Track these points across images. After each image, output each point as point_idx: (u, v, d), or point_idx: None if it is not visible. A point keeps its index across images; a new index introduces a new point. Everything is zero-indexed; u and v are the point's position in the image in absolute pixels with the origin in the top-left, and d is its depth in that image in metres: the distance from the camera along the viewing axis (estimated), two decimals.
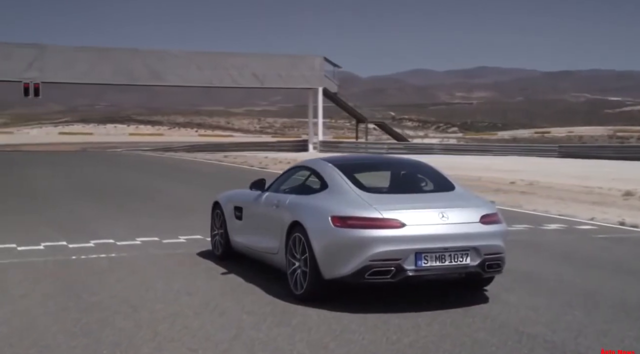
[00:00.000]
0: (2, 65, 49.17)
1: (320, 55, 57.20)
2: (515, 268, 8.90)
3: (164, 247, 10.24)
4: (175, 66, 52.70)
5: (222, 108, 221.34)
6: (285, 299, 7.18)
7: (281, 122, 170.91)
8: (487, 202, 7.46)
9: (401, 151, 50.64)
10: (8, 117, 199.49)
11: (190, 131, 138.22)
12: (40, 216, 13.94)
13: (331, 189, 7.36)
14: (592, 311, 6.92)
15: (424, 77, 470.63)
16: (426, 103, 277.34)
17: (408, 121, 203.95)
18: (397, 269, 6.68)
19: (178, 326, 6.20)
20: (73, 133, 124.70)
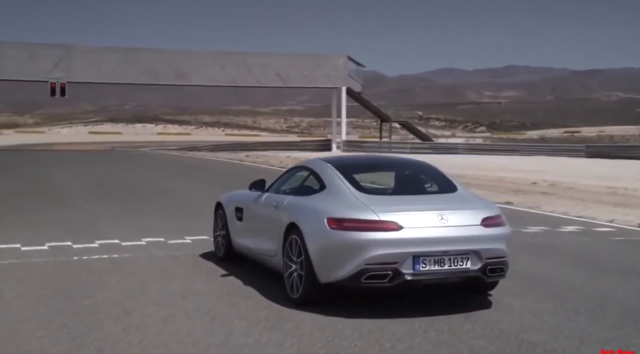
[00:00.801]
0: (29, 65, 49.74)
1: (344, 54, 56.96)
2: (524, 272, 8.67)
3: (168, 248, 10.13)
4: (200, 66, 52.86)
5: (249, 108, 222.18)
6: (282, 303, 7.00)
7: (307, 121, 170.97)
8: (489, 205, 7.22)
9: (425, 151, 50.27)
10: (40, 117, 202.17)
11: (217, 131, 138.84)
12: (50, 215, 13.91)
13: (329, 190, 7.17)
14: (599, 317, 6.65)
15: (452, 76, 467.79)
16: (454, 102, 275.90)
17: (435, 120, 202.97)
18: (394, 273, 6.47)
19: (167, 331, 6.06)
20: (102, 132, 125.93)
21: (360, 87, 56.21)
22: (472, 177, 25.57)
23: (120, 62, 51.39)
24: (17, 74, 50.75)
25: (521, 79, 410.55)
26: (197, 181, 23.92)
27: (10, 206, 15.67)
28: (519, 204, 16.35)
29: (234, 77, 54.05)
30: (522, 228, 12.41)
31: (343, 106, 55.17)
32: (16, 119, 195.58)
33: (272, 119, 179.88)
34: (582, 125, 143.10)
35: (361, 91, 56.36)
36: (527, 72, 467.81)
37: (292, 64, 54.88)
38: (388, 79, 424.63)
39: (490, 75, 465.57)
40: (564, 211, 15.10)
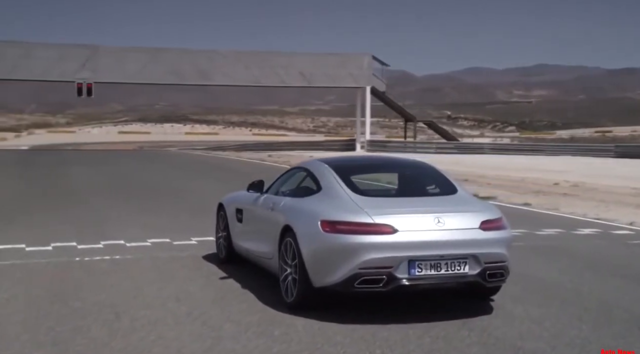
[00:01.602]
0: (57, 66, 50.24)
1: (368, 53, 56.68)
2: (530, 275, 8.45)
3: (172, 250, 10.04)
4: (224, 66, 52.97)
5: (276, 107, 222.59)
6: (277, 307, 6.85)
7: (334, 121, 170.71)
8: (489, 207, 6.99)
9: (450, 151, 49.90)
10: (71, 117, 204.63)
11: (245, 130, 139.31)
12: (62, 215, 13.91)
13: (324, 192, 7.01)
14: (603, 325, 6.41)
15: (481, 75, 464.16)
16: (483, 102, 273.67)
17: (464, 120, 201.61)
18: (388, 278, 6.28)
19: (153, 336, 5.94)
20: (131, 132, 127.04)
21: (384, 86, 55.88)
22: (493, 177, 25.26)
23: (145, 62, 51.68)
24: (46, 74, 51.27)
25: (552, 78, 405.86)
26: (215, 181, 23.85)
27: (25, 205, 15.73)
28: (537, 206, 16.04)
29: (257, 77, 54.06)
30: (536, 230, 12.15)
31: (367, 106, 54.89)
32: (48, 119, 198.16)
33: (299, 119, 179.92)
34: (615, 125, 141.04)
35: (385, 90, 56.03)
36: (558, 71, 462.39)
37: (316, 64, 54.72)
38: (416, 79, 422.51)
39: (520, 74, 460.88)
40: (583, 213, 14.77)
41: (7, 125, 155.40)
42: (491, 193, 18.63)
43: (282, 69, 53.76)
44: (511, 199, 17.40)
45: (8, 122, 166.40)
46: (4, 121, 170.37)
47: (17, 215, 13.85)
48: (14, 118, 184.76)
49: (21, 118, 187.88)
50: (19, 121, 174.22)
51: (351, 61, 55.22)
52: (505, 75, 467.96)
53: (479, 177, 25.26)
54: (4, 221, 12.82)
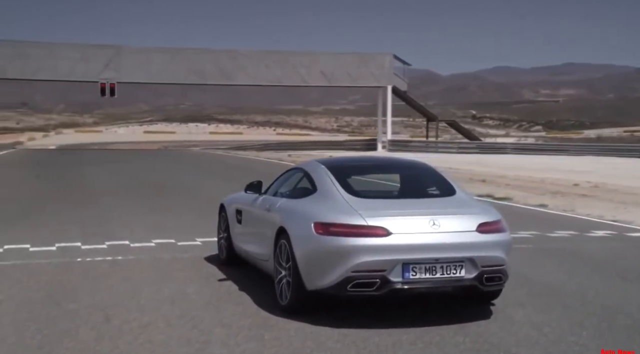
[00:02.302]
0: (81, 66, 50.72)
1: (389, 52, 56.42)
2: (535, 279, 8.26)
3: (175, 250, 9.97)
4: (245, 65, 53.07)
5: (300, 107, 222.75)
6: (272, 310, 6.74)
7: (358, 120, 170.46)
8: (488, 209, 6.80)
9: (472, 150, 49.53)
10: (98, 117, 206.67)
11: (269, 130, 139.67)
12: (72, 214, 13.93)
13: (319, 193, 6.89)
14: (605, 331, 6.21)
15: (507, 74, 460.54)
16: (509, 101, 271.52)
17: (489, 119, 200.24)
18: (382, 281, 6.14)
19: (141, 340, 5.85)
20: (156, 132, 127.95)
21: (406, 85, 55.61)
22: (513, 178, 24.95)
23: (167, 62, 51.97)
24: (69, 74, 51.78)
25: (580, 77, 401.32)
26: (229, 181, 23.70)
27: (37, 204, 15.81)
28: (553, 207, 15.75)
29: (279, 77, 54.08)
30: (548, 232, 11.91)
31: (388, 105, 54.63)
32: (76, 118, 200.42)
33: (323, 118, 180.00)
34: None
35: (407, 89, 55.73)
36: (586, 69, 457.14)
37: (337, 63, 54.59)
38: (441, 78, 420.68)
39: (547, 73, 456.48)
40: (600, 215, 14.47)
41: (36, 125, 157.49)
42: (508, 194, 18.37)
43: (303, 68, 53.71)
44: (527, 200, 17.13)
45: (37, 122, 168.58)
46: (33, 120, 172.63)
47: (28, 215, 13.92)
48: (43, 118, 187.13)
49: (50, 118, 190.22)
50: (48, 121, 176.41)
51: (372, 60, 55.02)
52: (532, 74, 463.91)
53: (499, 177, 24.97)
54: (13, 221, 12.87)
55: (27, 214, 14.09)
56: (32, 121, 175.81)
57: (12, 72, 51.50)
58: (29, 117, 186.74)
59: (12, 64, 50.41)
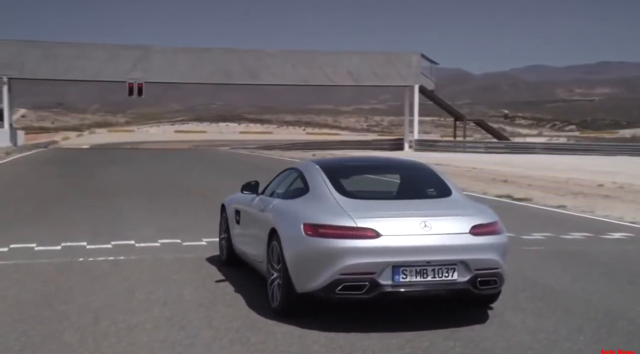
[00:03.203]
0: (110, 66, 51.19)
1: (416, 51, 56.04)
2: (541, 282, 8.05)
3: (179, 251, 9.92)
4: (271, 65, 53.10)
5: (331, 107, 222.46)
6: (263, 313, 6.63)
7: (388, 120, 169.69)
8: (484, 211, 6.60)
9: (500, 150, 48.98)
10: (131, 117, 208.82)
11: (298, 129, 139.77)
12: (83, 214, 13.96)
13: (311, 194, 6.77)
14: (603, 337, 6.01)
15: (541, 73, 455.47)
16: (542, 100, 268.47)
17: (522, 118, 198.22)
18: (371, 284, 6.00)
19: (125, 342, 5.77)
20: (187, 131, 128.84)
21: (433, 85, 55.19)
22: (537, 178, 24.56)
23: (194, 62, 52.21)
24: (98, 74, 52.29)
25: (616, 76, 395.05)
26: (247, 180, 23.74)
27: (52, 203, 15.88)
28: (573, 208, 15.42)
29: (305, 76, 54.00)
30: (562, 234, 11.65)
31: (415, 105, 54.25)
32: (109, 118, 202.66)
33: (353, 118, 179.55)
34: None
35: (434, 89, 55.31)
36: (622, 68, 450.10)
37: (364, 62, 54.35)
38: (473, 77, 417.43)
39: (582, 72, 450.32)
40: (619, 216, 14.12)
41: (70, 124, 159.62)
42: (527, 194, 18.05)
43: (329, 68, 53.57)
44: (547, 200, 16.81)
45: (71, 122, 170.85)
46: (68, 120, 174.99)
47: (41, 213, 13.99)
48: (77, 118, 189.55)
49: (84, 118, 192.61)
50: (82, 121, 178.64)
51: (399, 59, 54.68)
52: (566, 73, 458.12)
53: (522, 177, 24.59)
54: (26, 220, 12.94)
55: (40, 212, 14.16)
56: (67, 120, 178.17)
57: (42, 73, 52.17)
58: (63, 116, 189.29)
59: (42, 65, 51.05)
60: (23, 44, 52.42)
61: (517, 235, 11.40)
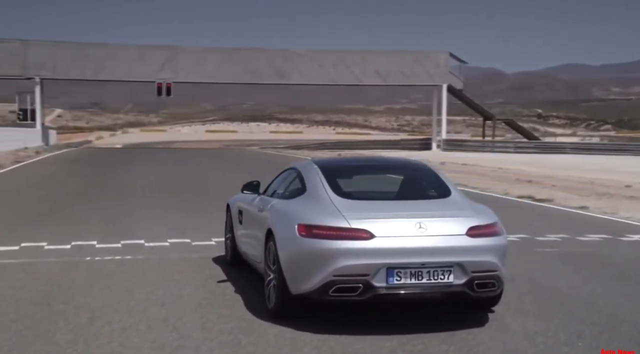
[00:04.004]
0: (139, 66, 51.61)
1: (445, 50, 55.55)
2: (548, 285, 7.88)
3: (186, 251, 9.90)
4: (299, 65, 53.06)
5: (362, 106, 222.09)
6: (260, 314, 6.57)
7: (419, 119, 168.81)
8: (483, 212, 6.46)
9: (530, 150, 48.40)
10: (163, 116, 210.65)
11: (328, 129, 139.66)
12: (98, 212, 14.02)
13: (308, 194, 6.69)
14: (603, 342, 5.86)
15: (576, 72, 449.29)
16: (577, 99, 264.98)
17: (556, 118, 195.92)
18: (365, 286, 5.90)
19: (115, 343, 5.74)
20: (218, 131, 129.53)
21: (462, 84, 54.68)
22: (562, 178, 24.17)
23: (222, 62, 52.37)
24: (128, 75, 52.75)
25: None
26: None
27: (71, 202, 15.96)
28: (594, 209, 15.11)
29: (332, 76, 53.86)
30: (578, 235, 11.41)
31: (444, 104, 53.82)
32: (142, 118, 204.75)
33: (384, 117, 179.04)
34: None
35: (462, 88, 54.80)
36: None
37: (392, 62, 54.01)
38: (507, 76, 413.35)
39: (619, 70, 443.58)
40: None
41: (104, 124, 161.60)
42: (550, 195, 17.75)
43: (357, 67, 53.38)
44: (569, 201, 16.50)
45: (105, 122, 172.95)
46: (102, 120, 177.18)
47: (59, 212, 14.06)
48: (111, 118, 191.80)
49: (117, 117, 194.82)
50: (115, 120, 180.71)
51: (427, 59, 54.29)
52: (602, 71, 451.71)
53: (548, 178, 24.21)
54: (41, 219, 13.02)
55: (57, 211, 14.23)
56: (101, 120, 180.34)
57: (74, 73, 52.77)
58: (98, 116, 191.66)
59: (74, 65, 51.65)
60: (55, 45, 53.15)
61: (532, 236, 11.22)
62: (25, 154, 38.11)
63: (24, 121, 52.35)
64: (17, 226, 12.10)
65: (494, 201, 16.88)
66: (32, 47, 51.55)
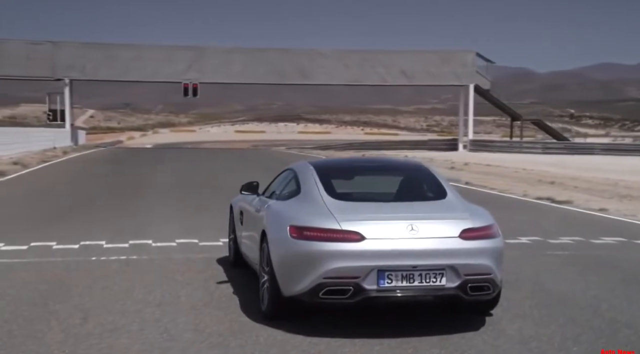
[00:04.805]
0: (166, 67, 51.97)
1: (472, 50, 55.07)
2: (552, 289, 7.74)
3: (192, 251, 9.89)
4: (324, 65, 52.97)
5: (391, 106, 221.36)
6: (253, 316, 6.52)
7: (449, 120, 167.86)
8: (479, 214, 6.33)
9: (559, 151, 47.81)
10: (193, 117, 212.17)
11: (357, 129, 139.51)
12: (112, 211, 14.11)
13: (302, 195, 6.64)
14: (599, 347, 5.71)
15: (610, 71, 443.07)
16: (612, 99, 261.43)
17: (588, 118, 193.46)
18: (355, 289, 5.82)
19: (104, 344, 5.73)
20: (247, 131, 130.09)
21: (489, 84, 54.16)
22: (586, 180, 23.80)
23: (247, 62, 52.50)
24: (155, 75, 53.16)
25: None
26: None
27: (87, 202, 16.06)
28: (614, 212, 14.82)
29: (357, 76, 53.70)
30: (592, 238, 11.19)
31: (470, 104, 53.35)
32: (172, 118, 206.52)
33: (413, 118, 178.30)
34: None
35: (490, 88, 54.28)
36: None
37: (418, 61, 53.67)
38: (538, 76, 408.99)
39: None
40: None
41: (135, 124, 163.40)
42: (570, 197, 17.46)
43: (382, 67, 53.13)
44: (589, 203, 16.22)
45: (136, 122, 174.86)
46: (133, 120, 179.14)
47: (72, 212, 14.13)
48: (142, 118, 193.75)
49: (148, 118, 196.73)
50: (146, 121, 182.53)
51: (454, 58, 53.87)
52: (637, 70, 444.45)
53: (571, 179, 23.85)
54: (55, 219, 13.12)
55: (72, 211, 14.31)
56: (132, 120, 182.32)
57: (102, 74, 53.36)
58: (129, 117, 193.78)
59: (102, 66, 52.20)
60: (84, 46, 53.79)
61: (545, 239, 11.03)
62: (52, 154, 38.59)
63: (53, 122, 53.07)
64: (29, 225, 12.19)
65: (511, 203, 16.70)
66: (62, 49, 52.22)
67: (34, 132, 50.59)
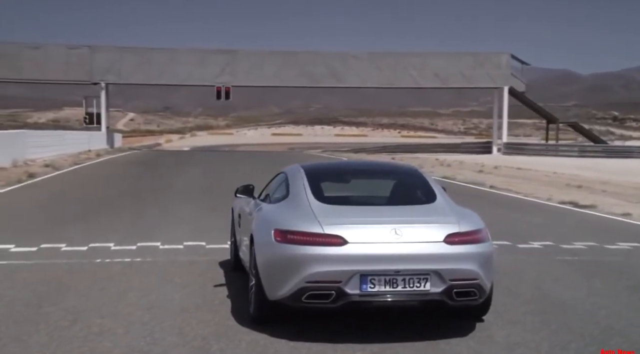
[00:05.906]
0: (199, 70, 52.34)
1: (506, 51, 54.34)
2: (552, 295, 7.59)
3: (197, 254, 9.91)
4: (356, 67, 52.78)
5: (429, 109, 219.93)
6: (241, 320, 6.49)
7: (487, 122, 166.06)
8: (468, 219, 6.20)
9: (596, 154, 46.95)
10: (231, 120, 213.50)
11: (393, 132, 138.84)
12: (128, 214, 14.19)
13: (290, 198, 6.61)
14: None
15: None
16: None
17: (633, 121, 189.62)
18: (337, 293, 5.77)
19: (86, 347, 5.74)
20: (283, 134, 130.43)
21: (524, 86, 53.41)
22: (616, 184, 23.35)
23: (280, 65, 52.61)
24: (188, 79, 53.56)
25: None
26: None
27: (108, 203, 16.12)
28: (637, 217, 14.46)
29: (390, 79, 53.39)
30: (607, 243, 10.94)
31: (505, 107, 52.65)
32: (210, 121, 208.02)
33: (451, 120, 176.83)
34: None
35: (524, 90, 53.52)
36: None
37: (451, 64, 53.15)
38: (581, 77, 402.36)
39: None
40: None
41: (174, 127, 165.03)
42: (595, 201, 17.10)
43: (415, 70, 52.73)
44: (613, 208, 15.87)
45: (175, 125, 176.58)
46: (172, 123, 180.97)
47: (90, 214, 14.15)
48: (180, 121, 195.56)
49: (187, 121, 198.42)
50: (185, 124, 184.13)
51: (488, 60, 53.22)
52: None
53: (600, 183, 23.37)
54: (71, 220, 13.23)
55: (90, 213, 14.33)
56: (171, 123, 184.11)
57: (137, 78, 54.02)
58: (168, 120, 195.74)
59: (137, 70, 52.83)
60: (120, 51, 54.46)
61: (557, 244, 10.82)
62: (86, 156, 39.10)
63: (90, 125, 53.86)
64: (43, 227, 12.30)
65: (533, 207, 16.43)
66: (98, 53, 52.98)
67: (70, 134, 51.34)
